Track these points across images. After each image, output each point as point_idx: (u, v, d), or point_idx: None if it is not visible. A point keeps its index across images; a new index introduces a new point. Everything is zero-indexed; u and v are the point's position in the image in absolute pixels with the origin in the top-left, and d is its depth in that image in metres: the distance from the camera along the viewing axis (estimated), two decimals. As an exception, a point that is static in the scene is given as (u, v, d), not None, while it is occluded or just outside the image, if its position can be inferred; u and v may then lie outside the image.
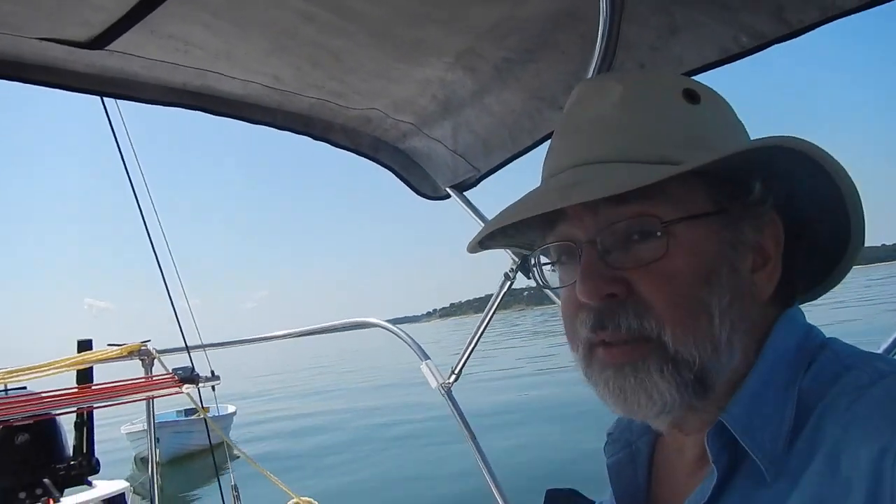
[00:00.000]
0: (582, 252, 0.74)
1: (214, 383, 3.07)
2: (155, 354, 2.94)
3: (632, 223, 0.72)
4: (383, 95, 1.88)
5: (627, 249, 0.73)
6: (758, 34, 1.28)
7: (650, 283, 0.71)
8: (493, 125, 1.89)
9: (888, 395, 0.61)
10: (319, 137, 2.04)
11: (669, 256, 0.71)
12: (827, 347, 0.73)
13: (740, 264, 0.74)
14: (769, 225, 0.77)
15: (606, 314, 0.72)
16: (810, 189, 0.75)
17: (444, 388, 2.39)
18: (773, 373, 0.72)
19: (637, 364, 0.71)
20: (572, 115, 0.82)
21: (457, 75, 1.74)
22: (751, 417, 0.68)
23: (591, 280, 0.72)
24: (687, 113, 0.77)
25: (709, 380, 0.71)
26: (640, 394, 0.71)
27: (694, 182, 0.73)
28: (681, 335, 0.69)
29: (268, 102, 1.87)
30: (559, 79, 1.65)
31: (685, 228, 0.72)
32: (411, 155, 2.17)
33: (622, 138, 0.75)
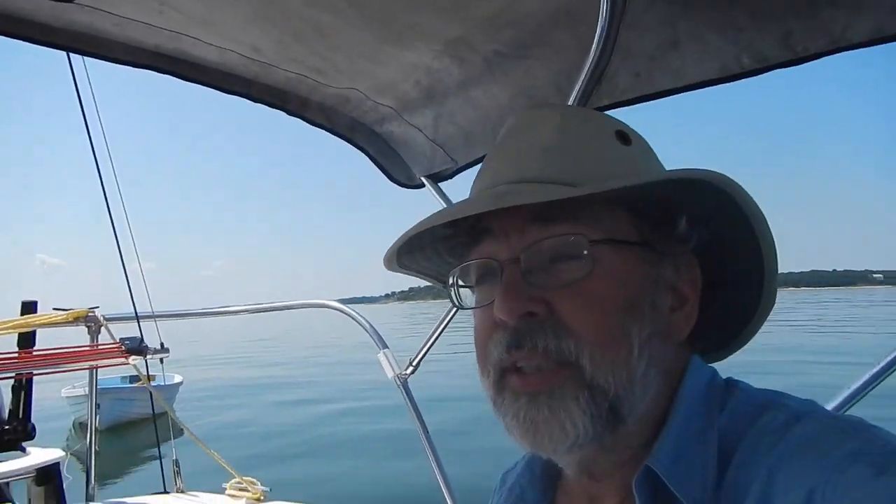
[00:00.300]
0: (503, 270, 0.73)
1: (163, 355, 2.97)
2: (102, 322, 2.83)
3: (557, 242, 0.72)
4: (365, 76, 1.81)
5: (550, 270, 0.72)
6: (761, 57, 1.26)
7: (571, 304, 0.70)
8: (476, 118, 1.84)
9: (807, 436, 0.63)
10: (295, 113, 1.97)
11: (593, 278, 0.70)
12: (734, 387, 0.74)
13: (660, 301, 0.74)
14: (688, 267, 0.77)
15: (523, 333, 0.70)
16: (730, 239, 0.76)
17: (400, 380, 2.36)
18: (692, 416, 0.71)
19: (553, 391, 0.69)
20: (509, 140, 0.82)
21: (444, 64, 1.68)
22: (677, 463, 0.67)
23: (512, 297, 0.71)
24: (619, 151, 0.78)
25: (622, 411, 0.69)
26: (554, 425, 0.68)
27: (621, 213, 0.74)
28: (599, 360, 0.68)
29: (244, 73, 1.79)
30: (550, 78, 1.61)
31: (610, 253, 0.71)
32: (388, 140, 2.10)
33: (557, 162, 0.75)
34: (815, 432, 0.63)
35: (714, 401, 0.72)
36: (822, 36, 1.16)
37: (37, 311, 2.81)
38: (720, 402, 0.72)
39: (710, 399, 0.73)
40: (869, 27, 1.10)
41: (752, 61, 1.27)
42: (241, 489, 2.95)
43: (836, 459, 0.58)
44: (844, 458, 0.58)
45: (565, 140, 0.77)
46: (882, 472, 0.55)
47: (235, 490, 2.97)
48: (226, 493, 2.99)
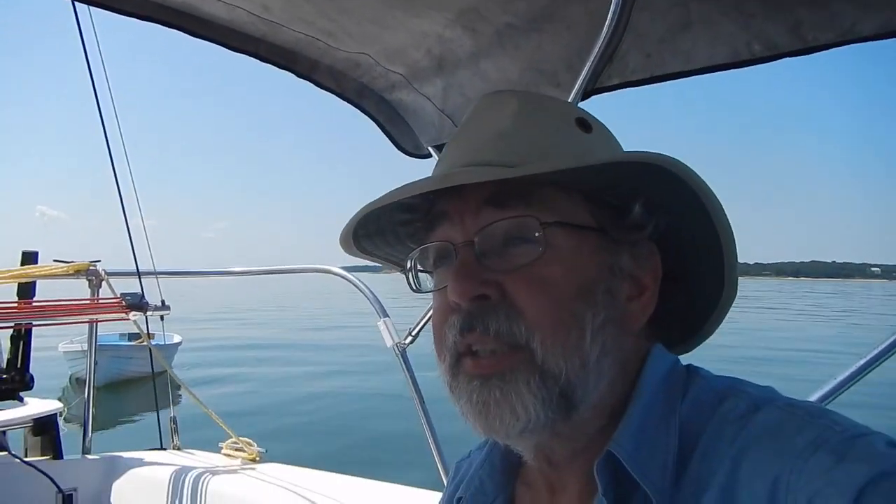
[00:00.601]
0: (458, 252, 0.73)
1: (164, 313, 2.97)
2: (103, 276, 2.82)
3: (511, 224, 0.71)
4: (376, 42, 1.79)
5: (504, 253, 0.71)
6: (771, 44, 1.26)
7: (523, 287, 0.69)
8: (485, 91, 1.80)
9: (769, 425, 0.63)
10: (303, 75, 1.95)
11: (545, 261, 0.69)
12: (696, 374, 0.74)
13: (615, 289, 0.73)
14: (648, 257, 0.77)
15: (476, 316, 0.70)
16: (689, 229, 0.76)
17: (398, 348, 2.36)
18: (653, 403, 0.71)
19: (505, 374, 0.68)
20: (468, 125, 0.81)
21: (456, 33, 1.66)
22: (639, 448, 0.67)
23: (464, 279, 0.70)
24: (578, 138, 0.77)
25: (574, 397, 0.69)
26: (504, 408, 0.68)
27: (578, 199, 0.73)
28: (550, 344, 0.68)
29: (252, 31, 1.77)
30: (561, 54, 1.59)
31: (563, 237, 0.71)
32: (397, 108, 2.08)
33: (515, 147, 0.74)
34: (776, 420, 0.63)
35: (676, 388, 0.72)
36: (832, 28, 1.17)
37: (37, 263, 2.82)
38: (682, 389, 0.72)
39: (671, 386, 0.73)
40: (877, 22, 1.11)
41: (762, 48, 1.27)
42: (237, 449, 2.97)
43: (799, 448, 0.59)
44: (806, 447, 0.59)
45: (521, 125, 0.76)
46: (842, 460, 0.56)
47: (231, 450, 2.99)
48: (222, 452, 3.01)
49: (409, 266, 0.82)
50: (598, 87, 1.57)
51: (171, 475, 2.75)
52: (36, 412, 2.83)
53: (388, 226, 0.83)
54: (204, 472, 2.72)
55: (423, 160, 2.15)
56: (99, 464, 2.94)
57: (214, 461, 2.93)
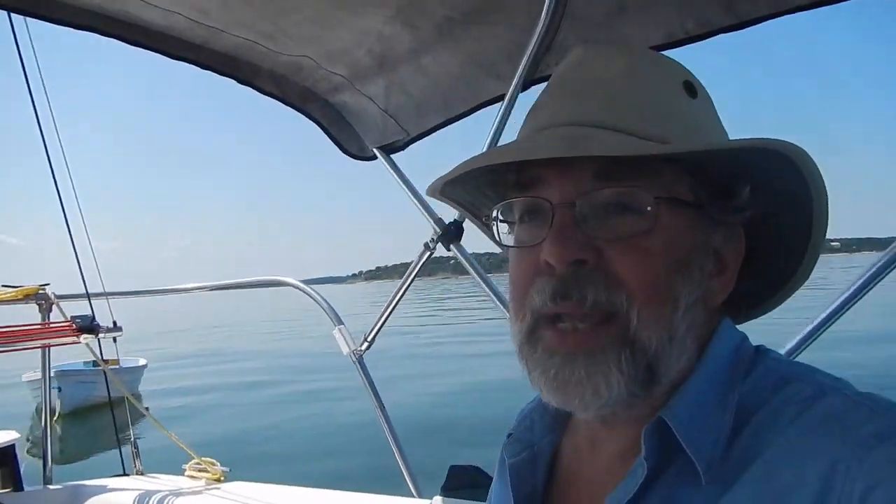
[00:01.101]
0: (556, 213, 0.68)
1: (116, 334, 2.90)
2: (53, 300, 2.75)
3: (618, 193, 0.68)
4: (317, 43, 1.79)
5: (606, 220, 0.68)
6: (705, 22, 1.28)
7: (627, 257, 0.67)
8: (427, 87, 1.83)
9: (834, 411, 0.61)
10: (245, 81, 1.94)
11: (652, 235, 0.67)
12: (765, 356, 0.73)
13: (704, 266, 0.72)
14: (735, 237, 0.74)
15: (571, 282, 0.66)
16: (780, 212, 0.74)
17: (355, 355, 2.34)
18: (715, 377, 0.70)
19: (595, 354, 0.66)
20: (570, 75, 0.76)
21: (395, 29, 1.67)
22: (692, 418, 0.66)
23: (564, 241, 0.67)
24: (686, 103, 0.74)
25: (658, 371, 0.67)
26: (587, 387, 0.66)
27: (683, 173, 0.70)
28: (646, 317, 0.66)
29: (191, 37, 1.76)
30: (500, 46, 1.61)
31: (670, 212, 0.68)
32: (341, 110, 2.09)
33: (625, 109, 0.70)
34: (843, 407, 0.61)
35: (740, 366, 0.71)
36: (765, 0, 1.18)
37: (-16, 289, 2.74)
38: (747, 367, 0.71)
39: (735, 364, 0.71)
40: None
41: (696, 26, 1.29)
42: (200, 470, 2.91)
43: (863, 437, 0.57)
44: (872, 436, 0.57)
45: (633, 85, 0.72)
46: None
47: (195, 471, 2.93)
48: (185, 474, 2.95)
49: (493, 216, 0.78)
50: (539, 77, 1.59)
51: (135, 501, 2.68)
52: (-8, 443, 2.74)
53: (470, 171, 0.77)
54: (168, 495, 2.66)
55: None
56: (61, 494, 2.85)
57: (178, 483, 2.87)
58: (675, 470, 0.66)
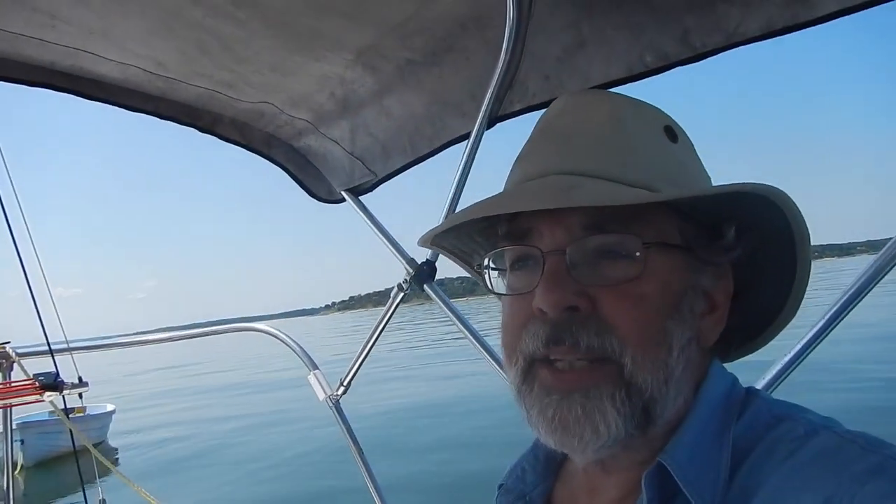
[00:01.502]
0: (546, 260, 0.70)
1: (82, 390, 2.81)
2: (14, 357, 2.65)
3: (608, 240, 0.69)
4: (278, 89, 1.78)
5: (597, 266, 0.70)
6: (662, 55, 1.29)
7: (618, 302, 0.68)
8: (392, 129, 1.82)
9: (826, 448, 0.63)
10: (206, 130, 1.91)
11: (642, 280, 0.68)
12: (755, 396, 0.74)
13: (696, 307, 0.73)
14: (724, 277, 0.76)
15: (564, 328, 0.68)
16: (766, 254, 0.77)
17: (331, 401, 2.29)
18: (710, 419, 0.71)
19: (589, 390, 0.67)
20: (555, 123, 0.78)
21: (357, 73, 1.67)
22: (691, 463, 0.67)
23: (557, 289, 0.68)
24: (667, 148, 0.76)
25: (654, 412, 0.68)
26: (585, 426, 0.67)
27: (671, 217, 0.72)
28: (640, 360, 0.67)
29: (149, 89, 1.73)
30: (463, 85, 1.61)
31: (660, 256, 0.70)
32: (306, 154, 2.07)
33: (609, 157, 0.72)
34: (834, 445, 0.63)
35: (733, 407, 0.72)
36: (718, 32, 1.20)
37: (-59, 350, 2.63)
38: (739, 409, 0.72)
39: (728, 405, 0.73)
40: (761, 22, 1.14)
41: (654, 59, 1.30)
42: (173, 525, 2.81)
43: (856, 472, 0.58)
44: (864, 472, 0.58)
45: (617, 132, 0.74)
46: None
47: (168, 527, 2.82)
48: (158, 531, 2.84)
49: (484, 264, 0.80)
50: (502, 115, 1.59)
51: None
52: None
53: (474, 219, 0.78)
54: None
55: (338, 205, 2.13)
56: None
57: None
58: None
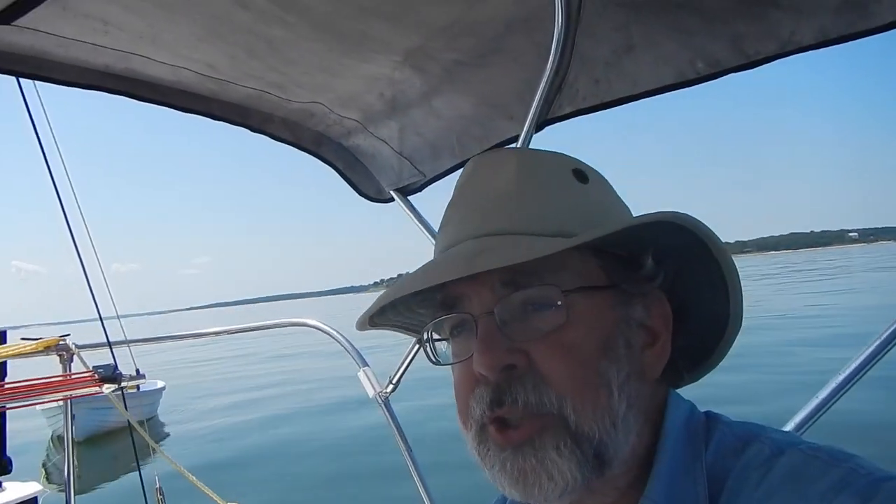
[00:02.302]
0: (478, 324, 0.72)
1: (139, 382, 2.90)
2: (74, 350, 2.76)
3: (531, 293, 0.71)
4: (327, 90, 1.78)
5: (526, 320, 0.71)
6: (714, 62, 1.26)
7: (549, 354, 0.69)
8: (440, 129, 1.80)
9: (793, 468, 0.64)
10: (257, 129, 1.93)
11: (569, 327, 0.70)
12: (716, 421, 0.75)
13: (633, 341, 0.75)
14: (657, 304, 0.78)
15: (504, 388, 0.69)
16: (693, 271, 0.78)
17: (381, 398, 2.31)
18: (678, 452, 0.72)
19: (534, 441, 0.68)
20: (468, 188, 0.81)
21: (405, 74, 1.65)
22: (670, 500, 0.68)
23: (490, 351, 0.70)
24: (578, 191, 0.78)
25: (607, 456, 0.69)
26: (542, 475, 0.68)
27: (589, 257, 0.73)
28: (580, 409, 0.68)
29: (201, 90, 1.75)
30: (511, 87, 1.58)
31: (583, 299, 0.71)
32: (355, 153, 2.07)
33: (520, 212, 0.74)
34: (800, 463, 0.64)
35: (698, 436, 0.73)
36: (772, 39, 1.16)
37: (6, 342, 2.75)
38: (704, 437, 0.73)
39: (693, 434, 0.73)
40: (815, 30, 1.10)
41: (705, 66, 1.26)
42: (226, 515, 2.88)
43: (822, 490, 0.60)
44: (830, 489, 0.59)
45: (526, 186, 0.76)
46: (867, 502, 0.57)
47: (220, 516, 2.90)
48: (210, 518, 2.92)
49: (425, 338, 0.82)
50: (551, 118, 1.56)
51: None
52: (15, 497, 2.73)
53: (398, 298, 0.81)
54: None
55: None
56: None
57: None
58: None
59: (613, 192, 0.84)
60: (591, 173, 0.81)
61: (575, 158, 0.83)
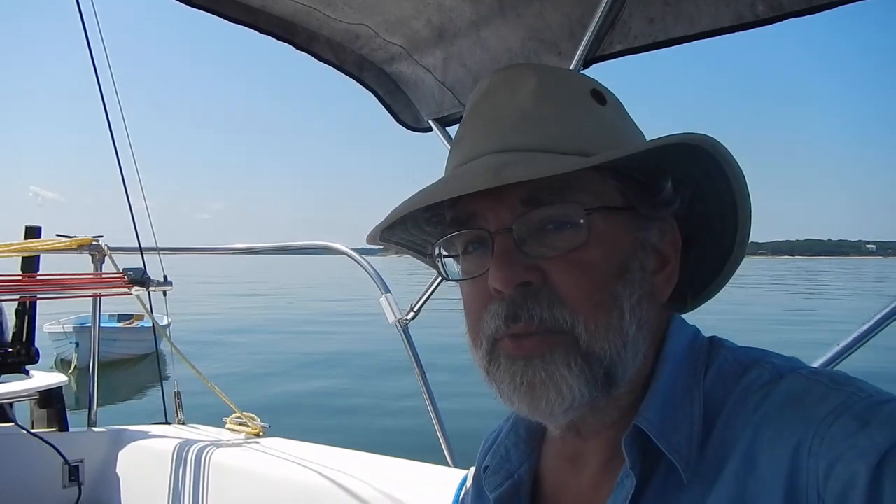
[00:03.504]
0: (495, 240, 0.72)
1: (166, 288, 2.97)
2: (106, 251, 2.83)
3: (551, 211, 0.71)
4: (375, 12, 1.77)
5: (543, 239, 0.71)
6: (776, 4, 1.22)
7: (566, 272, 0.69)
8: (486, 61, 1.79)
9: (792, 392, 0.64)
10: (302, 47, 1.93)
11: (588, 247, 0.70)
12: (720, 346, 0.76)
13: (646, 264, 0.75)
14: (670, 230, 0.78)
15: (520, 304, 0.69)
16: (706, 201, 0.78)
17: (400, 324, 2.37)
18: (678, 375, 0.72)
19: (545, 356, 0.69)
20: (486, 104, 0.79)
21: (456, 2, 1.64)
22: (664, 420, 0.69)
23: (507, 267, 0.70)
24: (597, 112, 0.77)
25: (616, 376, 0.70)
26: (550, 389, 0.69)
27: (608, 178, 0.73)
28: (593, 328, 0.69)
29: (250, 1, 1.75)
30: (562, 22, 1.56)
31: (603, 220, 0.71)
32: (397, 80, 2.07)
33: (541, 129, 0.73)
34: (800, 388, 0.64)
35: (699, 359, 0.74)
36: None
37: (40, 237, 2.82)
38: (705, 361, 0.73)
39: (694, 357, 0.74)
40: None
41: (767, 9, 1.23)
42: (240, 424, 2.98)
43: (822, 414, 0.60)
44: (830, 413, 0.59)
45: (542, 103, 0.75)
46: (866, 425, 0.57)
47: (235, 425, 3.00)
48: (226, 427, 3.03)
49: (435, 253, 0.81)
50: (600, 55, 1.55)
51: (176, 448, 2.77)
52: (42, 384, 2.85)
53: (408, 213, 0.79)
54: (208, 445, 2.74)
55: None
56: (105, 436, 2.96)
57: (219, 435, 2.95)
58: (658, 475, 0.68)
59: (628, 116, 0.83)
60: (609, 96, 0.80)
61: (592, 78, 0.82)
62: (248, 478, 2.51)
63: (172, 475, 2.71)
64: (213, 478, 2.59)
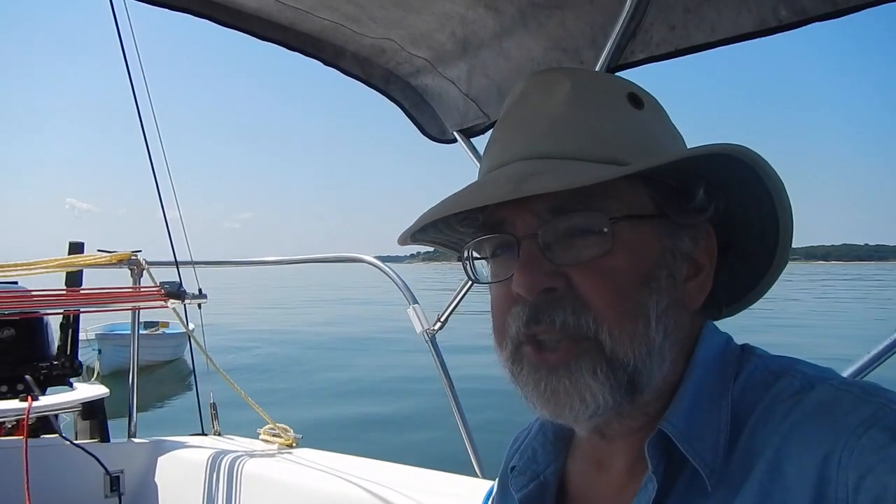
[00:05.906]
0: (521, 245, 0.72)
1: (201, 301, 3.05)
2: (144, 265, 2.92)
3: (577, 218, 0.71)
4: (400, 26, 1.80)
5: (569, 246, 0.71)
6: (799, 9, 1.20)
7: (591, 280, 0.69)
8: (509, 71, 1.81)
9: (822, 402, 0.63)
10: (330, 63, 1.97)
11: (613, 254, 0.69)
12: (751, 354, 0.75)
13: (675, 272, 0.74)
14: (704, 237, 0.77)
15: (542, 308, 0.70)
16: (745, 207, 0.77)
17: (428, 335, 2.38)
18: (706, 381, 0.72)
19: (570, 365, 0.69)
20: (518, 108, 0.79)
21: (479, 14, 1.66)
22: (690, 426, 0.68)
23: (531, 273, 0.70)
24: (632, 117, 0.76)
25: (640, 383, 0.70)
26: (574, 397, 0.69)
27: (639, 185, 0.72)
28: (618, 336, 0.68)
29: (279, 19, 1.80)
30: (584, 31, 1.57)
31: (629, 228, 0.71)
32: (422, 93, 2.09)
33: (572, 136, 0.73)
34: (830, 398, 0.63)
35: (729, 367, 0.73)
36: None
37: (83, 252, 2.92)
38: (736, 368, 0.73)
39: (724, 365, 0.73)
40: None
41: (790, 14, 1.21)
42: (273, 435, 3.03)
43: (852, 425, 0.59)
44: (860, 424, 0.58)
45: (575, 108, 0.74)
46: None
47: (269, 436, 3.05)
48: (260, 437, 3.08)
49: (465, 256, 0.82)
50: (623, 63, 1.55)
51: (212, 458, 2.83)
52: (85, 396, 2.93)
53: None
54: (243, 455, 2.79)
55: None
56: (144, 447, 3.04)
57: (253, 446, 3.00)
58: (682, 480, 0.68)
59: (668, 120, 0.82)
60: (647, 99, 0.79)
61: (631, 82, 0.81)
62: (282, 488, 2.54)
63: (208, 485, 2.76)
64: (248, 488, 2.64)
